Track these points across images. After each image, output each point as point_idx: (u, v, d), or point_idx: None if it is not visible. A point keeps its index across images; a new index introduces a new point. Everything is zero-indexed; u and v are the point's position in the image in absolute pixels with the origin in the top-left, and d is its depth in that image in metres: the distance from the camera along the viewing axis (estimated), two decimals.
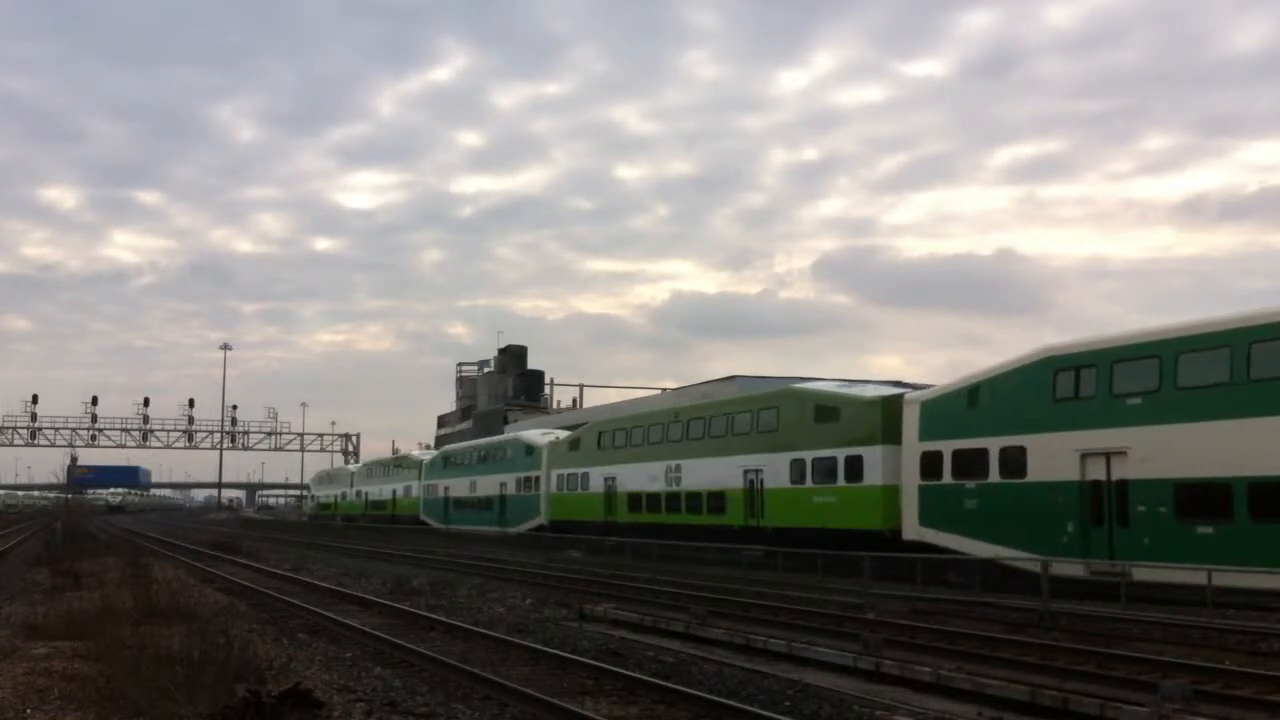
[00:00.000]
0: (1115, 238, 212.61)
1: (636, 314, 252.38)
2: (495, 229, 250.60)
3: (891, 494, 27.64)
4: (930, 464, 26.39)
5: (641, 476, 39.33)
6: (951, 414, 26.10)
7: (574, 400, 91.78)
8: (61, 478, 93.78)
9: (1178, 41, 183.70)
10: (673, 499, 37.33)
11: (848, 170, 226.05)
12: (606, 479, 41.93)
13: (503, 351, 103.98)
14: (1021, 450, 24.09)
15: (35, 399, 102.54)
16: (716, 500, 34.81)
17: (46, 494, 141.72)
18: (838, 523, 29.15)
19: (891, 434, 27.82)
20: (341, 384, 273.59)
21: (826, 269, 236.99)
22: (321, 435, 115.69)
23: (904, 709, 10.86)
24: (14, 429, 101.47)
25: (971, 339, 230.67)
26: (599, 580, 26.57)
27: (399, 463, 75.50)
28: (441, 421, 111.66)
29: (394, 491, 71.69)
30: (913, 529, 26.72)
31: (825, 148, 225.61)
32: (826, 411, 30.69)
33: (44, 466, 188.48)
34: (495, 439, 60.73)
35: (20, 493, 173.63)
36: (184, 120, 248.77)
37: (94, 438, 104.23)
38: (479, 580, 28.23)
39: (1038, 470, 23.64)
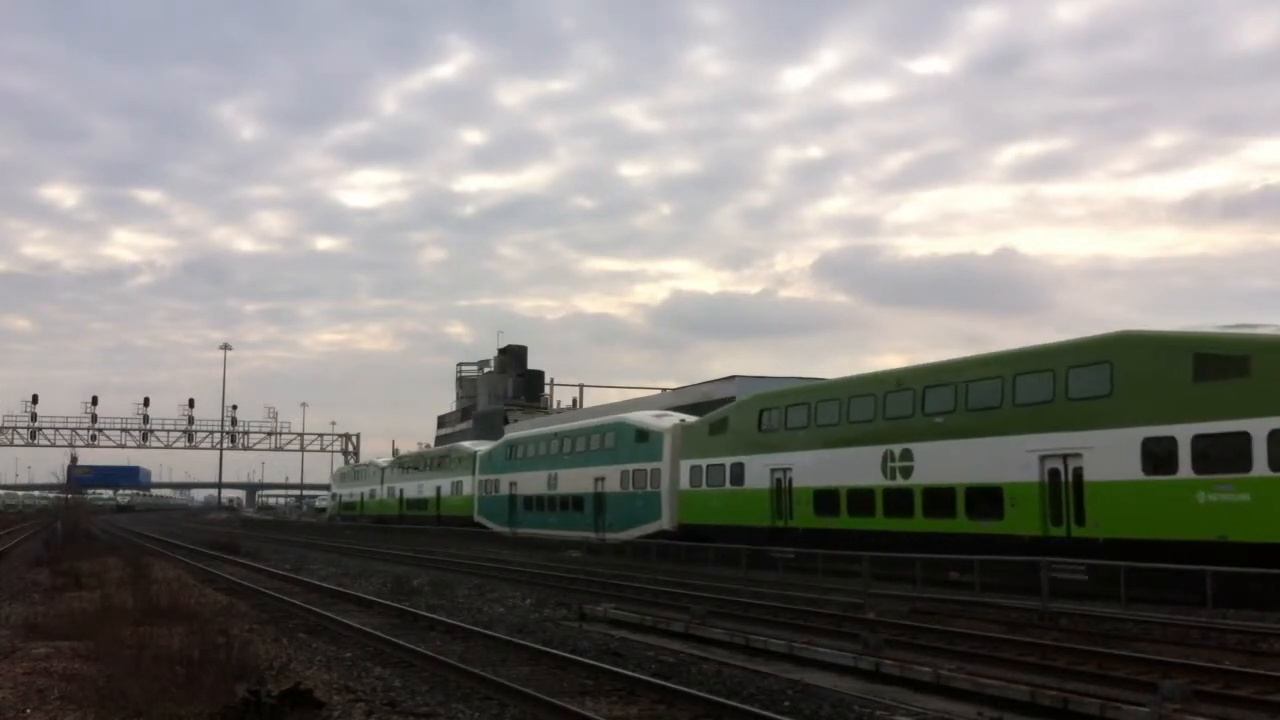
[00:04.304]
0: (1118, 237, 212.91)
1: (636, 313, 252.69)
2: (497, 228, 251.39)
3: None
4: None
5: (839, 466, 29.70)
6: None
7: (574, 400, 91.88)
8: (61, 478, 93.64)
9: (1184, 39, 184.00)
10: (898, 497, 27.54)
11: (852, 168, 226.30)
12: (775, 471, 32.31)
13: (503, 351, 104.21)
14: None
15: (35, 399, 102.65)
16: (984, 499, 25.20)
17: (46, 494, 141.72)
18: (1253, 534, 19.78)
19: None
20: (341, 384, 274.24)
21: (827, 268, 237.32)
22: (321, 435, 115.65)
23: (904, 709, 10.88)
24: (14, 429, 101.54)
25: (973, 339, 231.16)
26: (599, 580, 26.59)
27: (446, 455, 65.10)
28: (441, 421, 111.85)
29: (439, 489, 62.18)
30: None
31: (830, 146, 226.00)
32: (1218, 363, 20.72)
33: (44, 466, 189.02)
34: (589, 422, 48.74)
35: (20, 493, 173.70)
36: (185, 118, 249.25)
37: (94, 438, 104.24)
38: (479, 580, 28.27)
39: None
